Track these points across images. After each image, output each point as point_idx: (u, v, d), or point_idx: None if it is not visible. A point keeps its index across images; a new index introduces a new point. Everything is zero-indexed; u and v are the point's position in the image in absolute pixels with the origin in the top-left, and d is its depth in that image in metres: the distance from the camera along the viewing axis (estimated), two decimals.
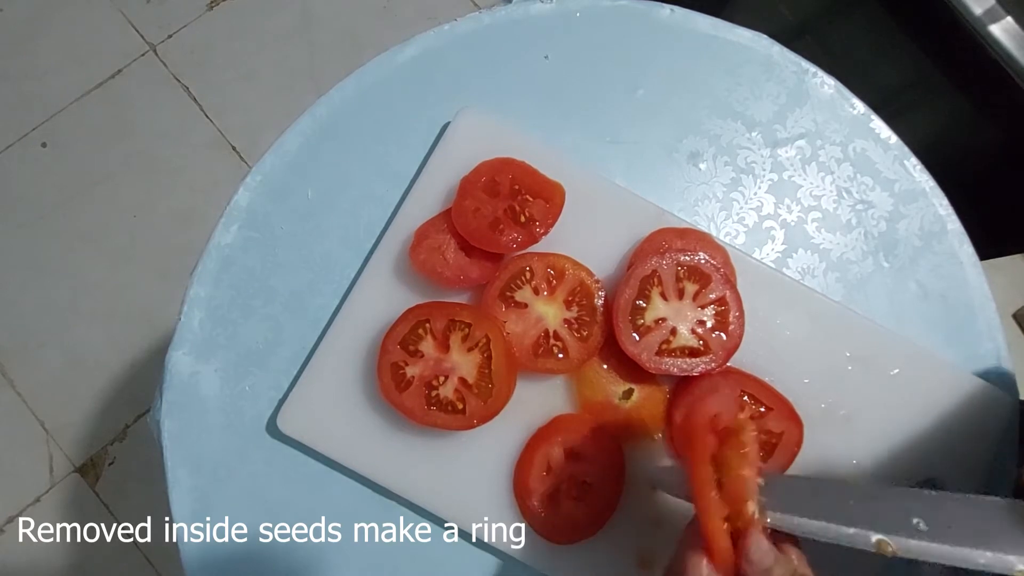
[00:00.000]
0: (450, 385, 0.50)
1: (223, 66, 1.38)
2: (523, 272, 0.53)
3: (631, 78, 0.62)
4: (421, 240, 0.54)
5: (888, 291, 0.59)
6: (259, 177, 0.58)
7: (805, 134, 0.61)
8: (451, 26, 0.62)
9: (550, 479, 0.51)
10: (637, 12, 0.63)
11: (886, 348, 0.55)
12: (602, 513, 0.50)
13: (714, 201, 0.60)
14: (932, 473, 0.53)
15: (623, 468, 0.51)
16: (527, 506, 0.50)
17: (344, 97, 0.60)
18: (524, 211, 0.54)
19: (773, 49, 0.63)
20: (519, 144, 0.56)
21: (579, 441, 0.51)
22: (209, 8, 1.41)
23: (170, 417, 0.54)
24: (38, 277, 1.28)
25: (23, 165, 1.32)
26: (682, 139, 0.61)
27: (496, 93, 0.61)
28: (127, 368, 1.25)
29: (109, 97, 1.36)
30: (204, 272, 0.57)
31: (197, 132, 1.35)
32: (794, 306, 0.55)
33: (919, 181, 0.61)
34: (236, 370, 0.55)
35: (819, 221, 0.60)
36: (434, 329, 0.51)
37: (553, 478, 0.51)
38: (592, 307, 0.52)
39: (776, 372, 0.54)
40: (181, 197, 1.32)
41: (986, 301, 0.59)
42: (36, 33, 1.38)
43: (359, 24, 1.42)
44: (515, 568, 0.52)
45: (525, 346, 0.52)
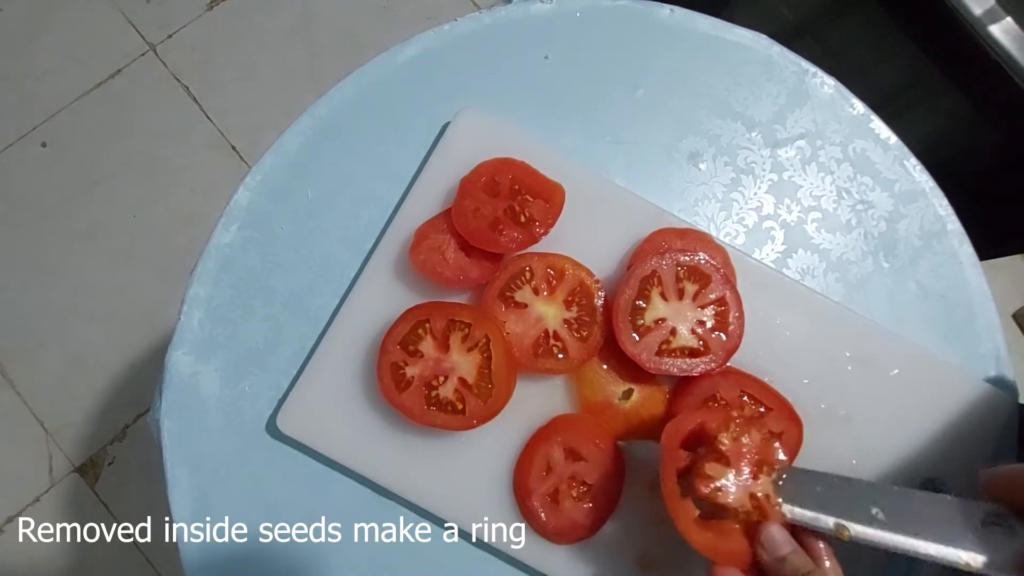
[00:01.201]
0: (450, 385, 0.50)
1: (223, 66, 1.38)
2: (523, 272, 0.53)
3: (631, 78, 0.62)
4: (421, 240, 0.54)
5: (888, 291, 0.59)
6: (259, 177, 0.59)
7: (805, 134, 0.61)
8: (451, 26, 0.62)
9: (550, 479, 0.51)
10: (637, 12, 0.63)
11: (886, 348, 0.55)
12: (602, 513, 0.50)
13: (714, 201, 0.60)
14: (932, 473, 0.53)
15: (623, 468, 0.51)
16: (527, 506, 0.50)
17: (344, 97, 0.60)
18: (524, 211, 0.54)
19: (773, 49, 0.63)
20: (519, 144, 0.56)
21: (579, 441, 0.51)
22: (209, 8, 1.41)
23: (170, 417, 0.54)
24: (38, 277, 1.28)
25: (23, 165, 1.32)
26: (682, 139, 0.61)
27: (496, 93, 0.61)
28: (127, 368, 1.25)
29: (109, 97, 1.36)
30: (204, 272, 0.57)
31: (197, 132, 1.35)
32: (794, 306, 0.55)
33: (919, 181, 0.61)
34: (236, 370, 0.55)
35: (819, 221, 0.60)
36: (434, 329, 0.51)
37: (553, 478, 0.51)
38: (592, 307, 0.52)
39: (776, 372, 0.54)
40: (181, 197, 1.32)
41: (986, 301, 0.59)
42: (36, 33, 1.38)
43: (359, 24, 1.42)
44: (515, 569, 0.52)
45: (525, 346, 0.52)
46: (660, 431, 0.46)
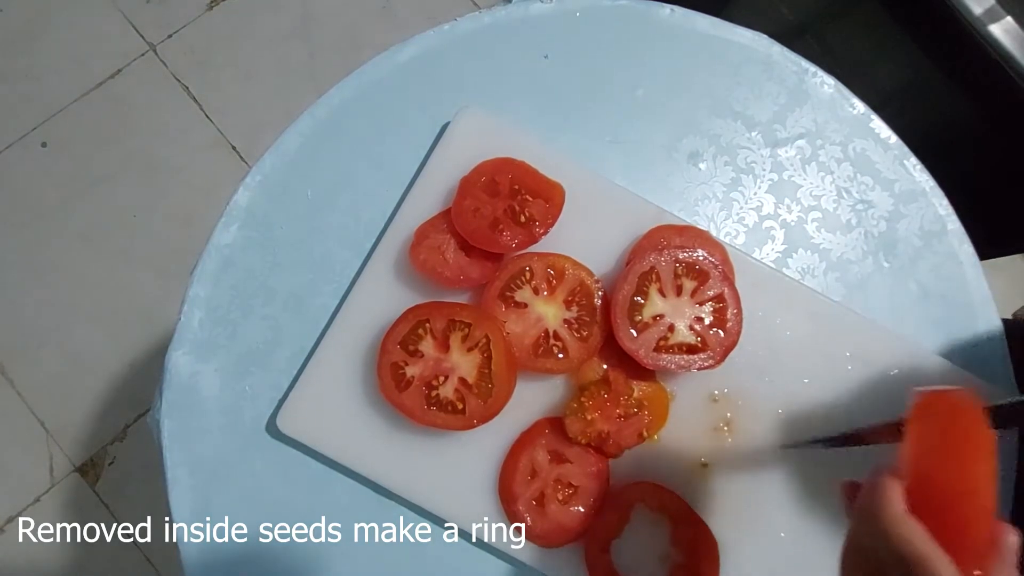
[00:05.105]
0: (450, 385, 0.50)
1: (223, 66, 1.38)
2: (523, 272, 0.53)
3: (631, 78, 0.62)
4: (421, 240, 0.54)
5: (888, 291, 0.59)
6: (259, 177, 0.58)
7: (805, 134, 0.61)
8: (451, 26, 0.62)
9: (535, 483, 0.51)
10: (637, 12, 0.63)
11: (886, 348, 0.55)
12: (589, 515, 0.50)
13: (714, 201, 0.60)
14: None
15: (607, 469, 0.51)
16: (513, 511, 0.50)
17: (344, 97, 0.60)
18: (524, 211, 0.54)
19: (773, 49, 0.63)
20: (519, 144, 0.56)
21: (563, 444, 0.51)
22: (209, 8, 1.41)
23: (170, 417, 0.54)
24: (38, 277, 1.28)
25: (23, 165, 1.32)
26: (682, 139, 0.61)
27: (496, 93, 0.61)
28: (127, 368, 1.25)
29: (109, 97, 1.36)
30: (204, 272, 0.57)
31: (197, 132, 1.35)
32: (794, 306, 0.55)
33: (919, 181, 0.61)
34: (236, 370, 0.55)
35: (819, 221, 0.60)
36: (434, 329, 0.51)
37: (538, 482, 0.51)
38: (592, 307, 0.52)
39: (776, 372, 0.54)
40: (181, 197, 1.32)
41: (986, 301, 0.59)
42: (36, 33, 1.38)
43: (359, 24, 1.42)
44: (515, 568, 0.52)
45: (525, 346, 0.52)
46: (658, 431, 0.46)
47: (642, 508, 0.51)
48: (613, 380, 0.52)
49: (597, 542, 0.49)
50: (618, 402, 0.51)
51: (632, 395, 0.52)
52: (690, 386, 0.54)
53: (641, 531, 0.51)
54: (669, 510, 0.50)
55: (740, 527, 0.52)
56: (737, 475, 0.53)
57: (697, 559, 0.49)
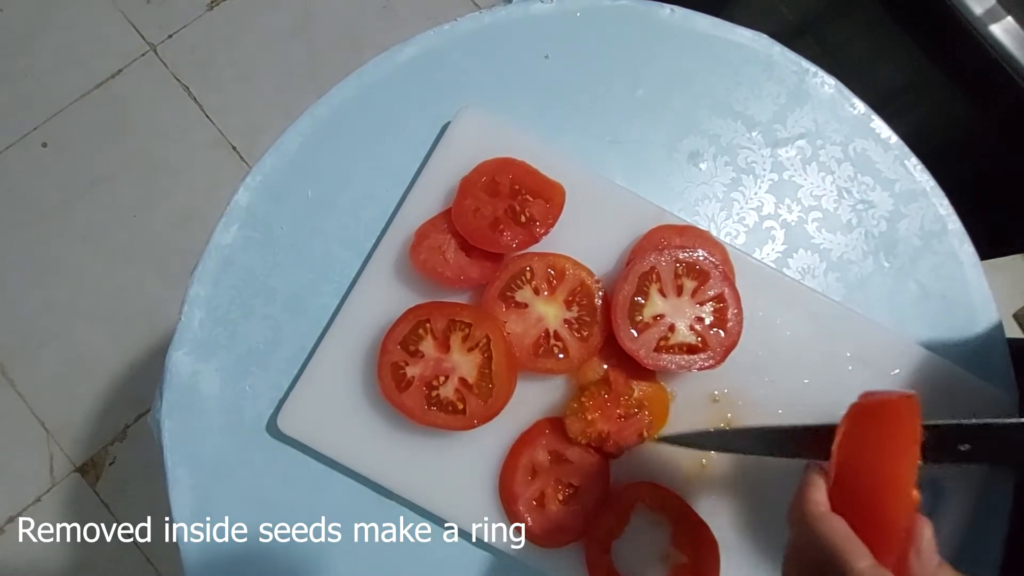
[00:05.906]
0: (450, 385, 0.50)
1: (223, 66, 1.38)
2: (523, 272, 0.53)
3: (631, 78, 0.62)
4: (421, 240, 0.54)
5: (888, 291, 0.59)
6: (259, 177, 0.58)
7: (805, 134, 0.61)
8: (451, 26, 0.62)
9: (536, 483, 0.51)
10: (637, 12, 0.63)
11: (886, 348, 0.55)
12: (589, 515, 0.50)
13: (714, 201, 0.60)
14: (933, 473, 0.53)
15: (607, 469, 0.51)
16: (513, 511, 0.50)
17: (344, 97, 0.60)
18: (524, 211, 0.54)
19: (773, 49, 0.63)
20: (519, 144, 0.56)
21: (563, 444, 0.51)
22: (209, 8, 1.41)
23: (170, 417, 0.54)
24: (38, 277, 1.28)
25: (23, 165, 1.32)
26: (682, 139, 0.61)
27: (496, 93, 0.61)
28: (127, 368, 1.25)
29: (109, 97, 1.36)
30: (204, 272, 0.57)
31: (197, 132, 1.35)
32: (794, 306, 0.55)
33: (919, 181, 0.61)
34: (236, 370, 0.55)
35: (819, 221, 0.60)
36: (434, 329, 0.51)
37: (538, 482, 0.51)
38: (592, 307, 0.52)
39: (776, 372, 0.54)
40: (181, 197, 1.32)
41: (986, 301, 0.59)
42: (36, 33, 1.37)
43: (359, 24, 1.42)
44: (515, 568, 0.52)
45: (525, 346, 0.52)
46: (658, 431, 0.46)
47: (642, 508, 0.51)
48: (613, 380, 0.52)
49: (597, 542, 0.49)
50: (618, 402, 0.51)
51: (632, 395, 0.52)
52: (690, 386, 0.54)
53: (641, 531, 0.51)
54: (669, 510, 0.50)
55: (740, 527, 0.52)
56: (737, 475, 0.53)
57: (697, 559, 0.49)
